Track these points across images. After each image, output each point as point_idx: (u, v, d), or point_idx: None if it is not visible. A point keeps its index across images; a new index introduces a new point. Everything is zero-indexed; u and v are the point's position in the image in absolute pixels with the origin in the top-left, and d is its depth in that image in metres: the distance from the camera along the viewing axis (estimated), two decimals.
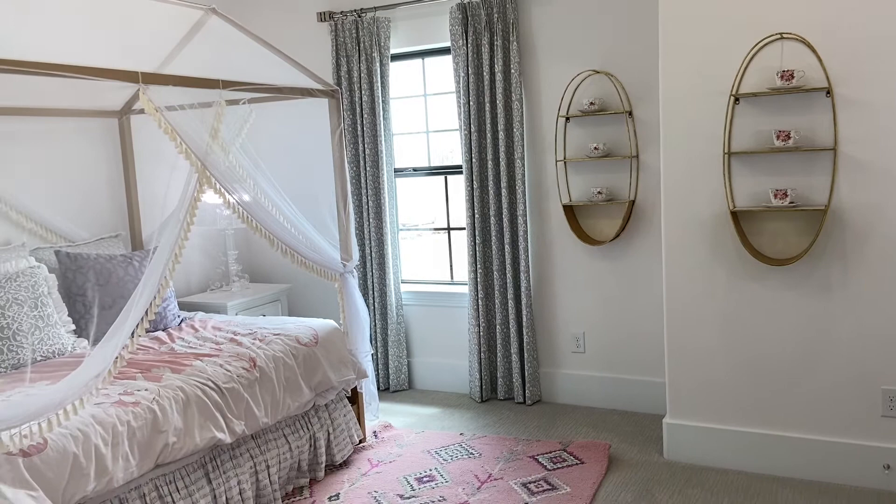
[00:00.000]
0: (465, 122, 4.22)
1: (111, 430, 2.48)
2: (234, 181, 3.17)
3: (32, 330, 3.15)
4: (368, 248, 4.56)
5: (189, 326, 3.71)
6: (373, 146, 4.46)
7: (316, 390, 3.40)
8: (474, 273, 4.31)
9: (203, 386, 2.88)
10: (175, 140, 2.82)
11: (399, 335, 4.59)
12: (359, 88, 4.45)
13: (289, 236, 3.40)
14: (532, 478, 3.31)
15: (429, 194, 4.87)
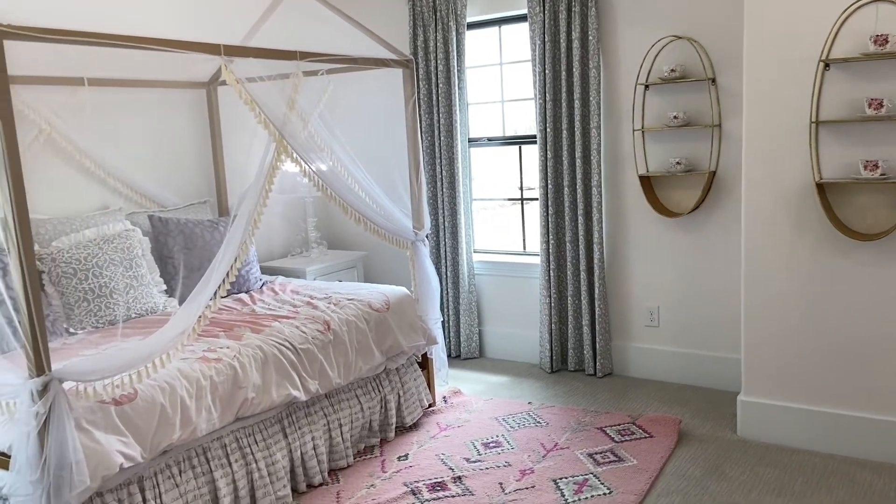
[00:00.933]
0: (541, 91, 4.17)
1: (195, 383, 2.65)
2: (311, 151, 3.27)
3: (127, 289, 3.38)
4: (441, 217, 4.61)
5: (269, 290, 3.88)
6: (447, 116, 4.49)
7: (387, 354, 3.50)
8: (546, 244, 4.30)
9: (280, 346, 3.02)
10: (255, 110, 2.93)
11: (470, 304, 4.64)
12: (434, 58, 4.47)
13: (362, 205, 3.49)
14: (598, 449, 3.31)
15: (502, 164, 4.86)
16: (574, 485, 3.00)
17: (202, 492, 2.67)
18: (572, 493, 2.93)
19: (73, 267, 3.24)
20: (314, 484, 3.11)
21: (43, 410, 2.16)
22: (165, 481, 2.56)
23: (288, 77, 3.18)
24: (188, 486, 2.63)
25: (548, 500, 2.89)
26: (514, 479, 3.07)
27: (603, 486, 2.97)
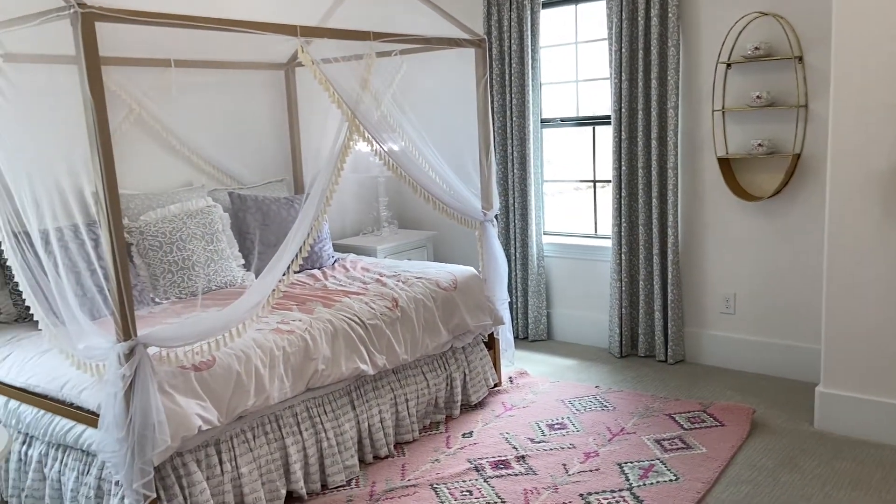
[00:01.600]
0: (616, 71, 4.09)
1: (269, 353, 2.76)
2: (383, 131, 3.32)
3: (208, 262, 3.53)
4: (511, 198, 4.60)
5: (341, 266, 3.97)
6: (520, 96, 4.45)
7: (453, 333, 3.54)
8: (618, 227, 4.23)
9: (350, 321, 3.10)
10: (329, 90, 3.00)
11: (539, 286, 4.62)
12: (508, 37, 4.44)
13: (432, 184, 3.52)
14: (666, 435, 3.26)
15: (575, 146, 4.80)
16: (640, 470, 2.97)
17: (274, 457, 2.78)
18: (637, 478, 2.90)
19: (159, 240, 3.42)
20: (380, 456, 3.19)
21: (129, 373, 2.29)
22: (240, 445, 2.69)
23: (362, 58, 3.23)
24: (261, 451, 2.74)
25: (612, 483, 2.87)
26: (577, 461, 3.07)
27: (669, 473, 2.93)
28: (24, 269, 2.59)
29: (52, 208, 2.56)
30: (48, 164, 2.58)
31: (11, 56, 2.53)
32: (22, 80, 2.59)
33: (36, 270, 2.58)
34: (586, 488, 2.85)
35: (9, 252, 2.61)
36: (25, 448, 2.77)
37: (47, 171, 2.57)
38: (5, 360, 2.82)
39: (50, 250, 2.56)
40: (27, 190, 2.55)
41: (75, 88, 2.24)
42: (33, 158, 2.59)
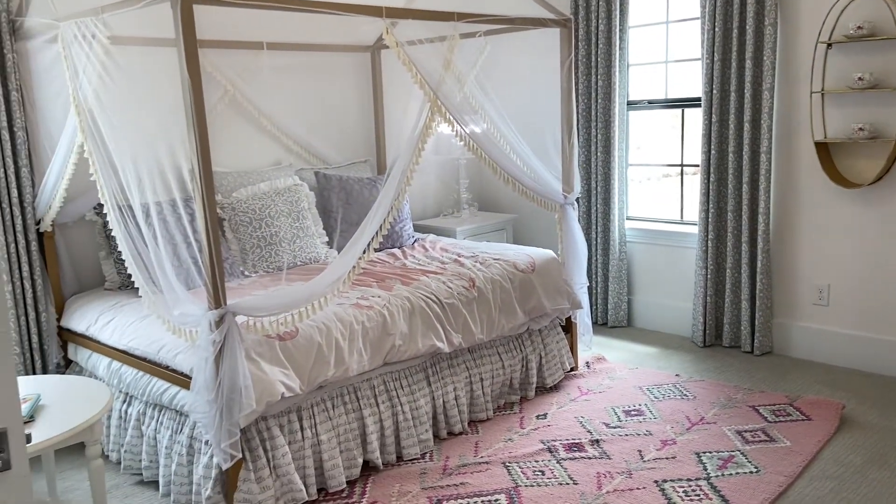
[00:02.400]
0: (708, 51, 3.95)
1: (349, 327, 2.85)
2: (465, 112, 3.34)
3: (293, 238, 3.67)
4: (594, 181, 4.53)
5: (420, 246, 4.04)
6: (606, 77, 4.37)
7: (530, 315, 3.55)
8: (706, 213, 4.10)
9: (427, 299, 3.15)
10: (412, 70, 3.04)
11: (620, 271, 4.55)
12: (596, 17, 4.36)
13: (512, 165, 3.52)
14: (749, 427, 3.17)
15: (663, 129, 4.67)
16: (719, 460, 2.90)
17: (352, 427, 2.88)
18: (715, 468, 2.84)
19: (249, 216, 3.57)
20: (454, 432, 3.24)
21: (219, 339, 2.42)
22: (320, 413, 2.79)
23: (446, 39, 3.26)
24: (340, 420, 2.84)
25: (689, 472, 2.82)
26: (654, 448, 3.02)
27: (750, 465, 2.85)
28: (128, 240, 2.77)
29: (153, 184, 2.72)
30: (150, 142, 2.75)
31: (117, 38, 2.70)
32: (127, 62, 2.75)
33: (137, 242, 2.76)
34: (662, 475, 2.81)
35: (114, 224, 2.80)
36: (125, 406, 2.97)
37: (149, 149, 2.73)
38: (108, 324, 3.03)
39: (150, 223, 2.73)
40: (131, 166, 2.72)
41: (175, 70, 2.37)
42: (137, 136, 2.76)
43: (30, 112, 3.11)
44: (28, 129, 3.12)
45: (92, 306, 3.19)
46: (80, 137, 2.84)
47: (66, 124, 2.95)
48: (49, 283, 3.25)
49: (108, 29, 2.63)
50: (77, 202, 3.27)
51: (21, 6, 3.01)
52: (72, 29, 2.74)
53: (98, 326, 3.05)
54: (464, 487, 2.79)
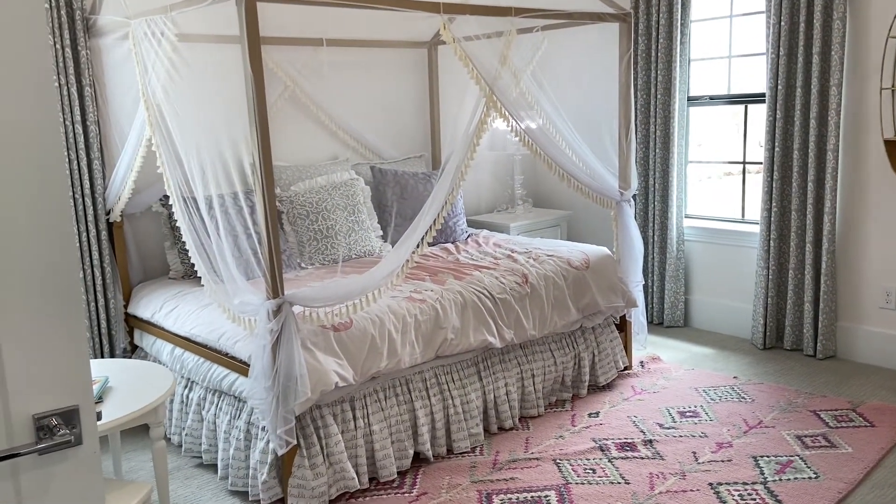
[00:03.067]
0: (774, 45, 3.83)
1: (402, 319, 2.88)
2: (520, 107, 3.33)
3: (349, 232, 3.73)
4: (652, 178, 4.46)
5: (474, 241, 4.05)
6: (666, 72, 4.29)
7: (583, 312, 3.52)
8: (768, 212, 3.99)
9: (479, 294, 3.16)
10: (468, 66, 3.05)
11: (678, 270, 4.47)
12: (657, 11, 4.28)
13: (567, 161, 3.49)
14: (809, 432, 3.08)
15: (725, 125, 4.56)
16: (776, 464, 2.83)
17: (403, 418, 2.92)
18: (773, 473, 2.77)
19: (306, 209, 3.64)
20: (505, 427, 3.25)
21: (276, 328, 2.49)
22: (372, 404, 2.84)
23: (502, 35, 3.25)
24: (392, 412, 2.89)
25: (745, 475, 2.76)
26: (709, 451, 2.97)
27: (809, 470, 2.77)
28: (191, 232, 2.86)
29: (216, 176, 2.81)
30: (213, 136, 2.84)
31: (184, 36, 2.79)
32: (193, 58, 2.84)
33: (201, 232, 2.85)
34: (716, 478, 2.76)
35: (179, 215, 2.90)
36: (187, 391, 3.08)
37: (213, 143, 2.82)
38: (172, 311, 3.14)
39: (213, 215, 2.82)
40: (195, 159, 2.81)
41: (238, 66, 2.44)
42: (201, 130, 2.85)
43: (102, 107, 3.25)
44: (100, 123, 3.26)
45: (157, 294, 3.31)
46: (148, 131, 2.95)
47: (136, 118, 3.07)
48: (117, 271, 3.39)
49: (176, 27, 2.72)
50: (144, 194, 3.40)
51: (95, 4, 3.15)
52: (142, 27, 2.84)
53: (162, 314, 3.17)
54: (513, 482, 2.79)
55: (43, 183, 1.03)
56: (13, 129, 1.00)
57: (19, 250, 1.01)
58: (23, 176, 1.01)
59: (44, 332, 1.05)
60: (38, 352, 1.05)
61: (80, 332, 1.10)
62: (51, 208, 1.04)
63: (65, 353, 1.07)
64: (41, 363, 1.05)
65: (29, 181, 1.02)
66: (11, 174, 1.00)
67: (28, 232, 1.02)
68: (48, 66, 1.06)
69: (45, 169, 1.03)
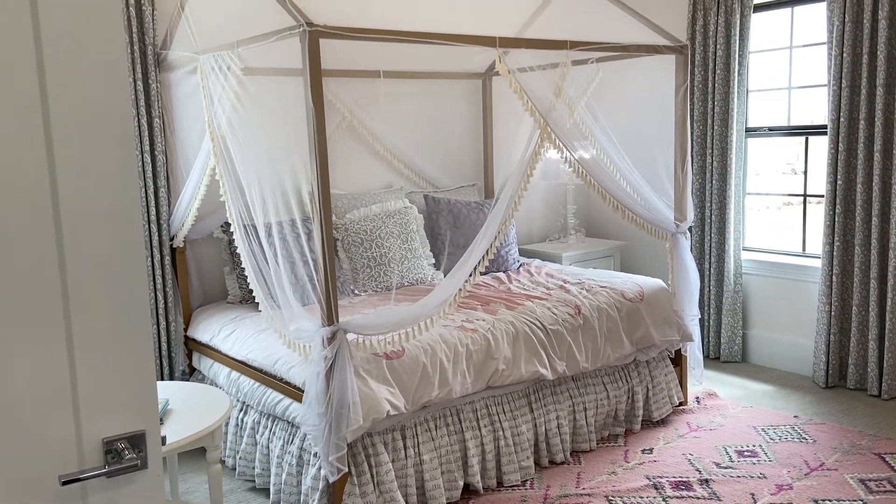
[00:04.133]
0: (836, 77, 3.76)
1: (453, 349, 2.89)
2: (574, 138, 3.34)
3: (402, 260, 3.77)
4: (709, 210, 4.38)
5: (525, 271, 4.04)
6: (723, 104, 4.24)
7: (637, 345, 3.47)
8: (830, 246, 3.88)
9: (531, 324, 3.15)
10: (522, 98, 3.08)
11: (735, 304, 4.36)
12: (713, 43, 4.24)
13: (621, 192, 3.47)
14: (873, 475, 2.95)
15: (783, 157, 4.47)
16: None
17: (454, 448, 2.91)
18: None
19: (360, 237, 3.70)
20: (556, 461, 3.20)
21: (330, 355, 2.53)
22: (423, 433, 2.84)
23: (557, 66, 3.28)
24: (442, 441, 2.88)
25: None
26: (768, 493, 2.87)
27: None
28: (251, 258, 2.94)
29: (276, 204, 2.89)
30: (274, 165, 2.93)
31: (249, 69, 2.90)
32: (257, 91, 2.95)
33: (259, 259, 2.93)
34: None
35: (239, 242, 2.99)
36: (242, 415, 3.14)
37: (273, 172, 2.91)
38: (230, 336, 3.22)
39: (271, 241, 2.89)
40: (256, 188, 2.90)
41: (299, 98, 2.52)
42: (262, 159, 2.94)
43: (169, 137, 3.39)
44: (167, 153, 3.40)
45: (215, 318, 3.40)
46: (212, 161, 3.06)
47: (201, 149, 3.19)
48: (179, 295, 3.50)
49: (241, 61, 2.83)
50: (206, 220, 3.51)
51: (166, 40, 3.30)
52: (210, 61, 2.97)
53: (220, 338, 3.25)
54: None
55: (120, 216, 1.08)
56: (96, 169, 1.05)
57: (98, 280, 1.06)
58: (103, 212, 1.06)
59: (115, 357, 1.09)
60: (109, 377, 1.09)
61: (149, 357, 1.14)
62: (127, 238, 1.09)
63: (134, 377, 1.11)
64: (111, 388, 1.09)
65: (109, 215, 1.07)
66: (92, 210, 1.05)
67: (106, 262, 1.07)
68: (128, 107, 1.12)
69: (122, 206, 1.08)
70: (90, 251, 1.05)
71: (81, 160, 1.04)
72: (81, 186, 1.04)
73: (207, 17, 3.04)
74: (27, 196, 1.00)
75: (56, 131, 1.02)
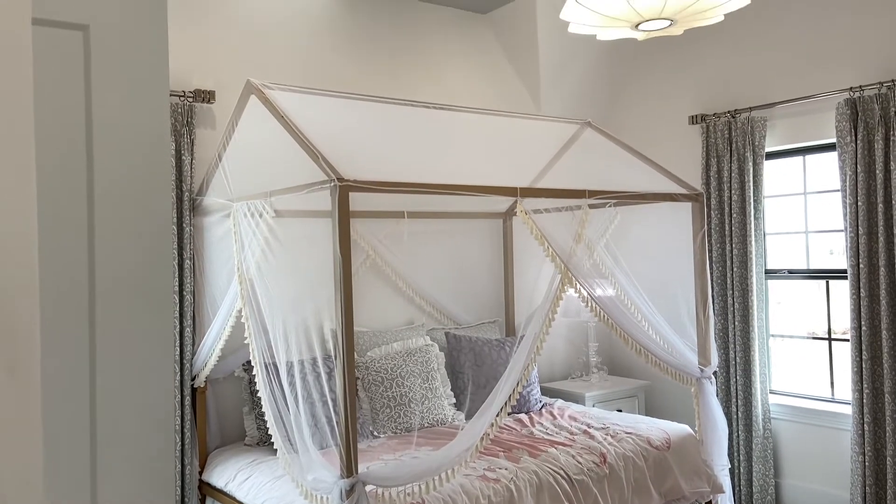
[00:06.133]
0: (852, 224, 3.81)
1: (475, 501, 2.80)
2: (594, 279, 3.38)
3: (422, 399, 3.73)
4: (733, 352, 4.33)
5: (548, 413, 3.96)
6: (741, 246, 4.30)
7: (665, 497, 3.33)
8: (859, 392, 3.79)
9: (555, 474, 3.06)
10: (543, 244, 3.15)
11: (765, 451, 4.21)
12: (728, 188, 4.36)
13: (643, 335, 3.46)
14: None
15: (807, 298, 4.46)
16: None
17: None
18: None
19: (381, 375, 3.69)
20: None
21: None
22: None
23: (577, 208, 3.37)
24: None
25: None
26: None
27: None
28: (271, 401, 2.93)
29: (298, 343, 2.91)
30: (299, 303, 2.97)
31: (279, 212, 3.02)
32: (286, 233, 3.05)
33: (279, 401, 2.91)
34: None
35: (260, 383, 2.99)
36: None
37: (297, 310, 2.95)
38: (245, 481, 3.14)
39: (292, 381, 2.89)
40: (280, 326, 2.94)
41: (326, 237, 2.60)
42: (287, 299, 2.99)
43: (199, 278, 3.48)
44: (195, 293, 3.47)
45: (231, 462, 3.34)
46: (239, 303, 3.12)
47: (229, 291, 3.26)
48: (196, 437, 3.46)
49: (272, 207, 2.95)
50: (228, 359, 3.52)
51: (202, 187, 3.46)
52: (243, 208, 3.09)
53: (236, 483, 3.17)
54: None
55: (155, 388, 1.11)
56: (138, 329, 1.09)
57: (129, 437, 1.08)
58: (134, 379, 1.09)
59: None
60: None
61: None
62: (157, 404, 1.11)
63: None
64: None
65: (141, 381, 1.10)
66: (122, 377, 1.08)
67: (136, 424, 1.09)
68: (170, 264, 1.17)
69: (157, 374, 1.11)
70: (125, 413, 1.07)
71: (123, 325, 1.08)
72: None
73: (243, 166, 3.20)
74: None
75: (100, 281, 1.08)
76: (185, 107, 3.47)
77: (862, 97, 3.77)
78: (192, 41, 3.65)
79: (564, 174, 4.19)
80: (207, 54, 3.70)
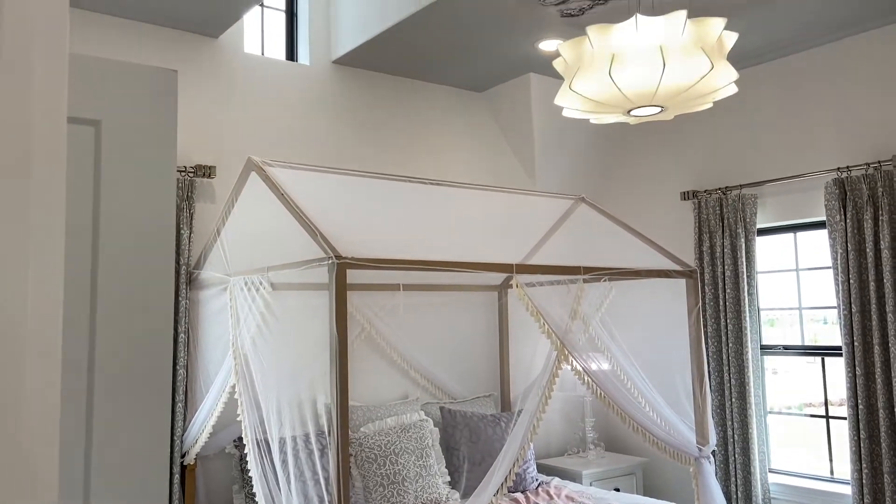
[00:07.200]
0: (845, 301, 3.84)
1: None
2: (589, 354, 3.37)
3: (416, 478, 3.65)
4: (730, 429, 4.29)
5: (545, 492, 3.88)
6: (736, 322, 4.31)
7: None
8: (858, 472, 3.74)
9: None
10: (539, 321, 3.16)
11: None
12: (721, 263, 4.41)
13: (640, 414, 3.43)
14: None
15: (803, 370, 4.45)
16: None
17: None
18: None
19: (375, 452, 3.62)
20: None
21: None
22: None
23: (573, 282, 3.39)
24: None
25: None
26: None
27: None
28: (262, 481, 2.87)
29: (291, 417, 2.87)
30: (293, 377, 2.95)
31: (276, 286, 3.02)
32: (281, 306, 3.05)
33: (271, 481, 2.85)
34: None
35: (252, 462, 2.93)
36: None
37: (291, 384, 2.92)
38: None
39: (284, 459, 2.84)
40: (273, 400, 2.90)
41: (321, 309, 2.60)
42: (282, 373, 2.97)
43: (192, 352, 3.45)
44: (188, 368, 3.44)
45: None
46: (232, 379, 3.09)
47: (223, 366, 3.23)
48: None
49: (269, 281, 2.96)
50: (219, 435, 3.47)
51: (200, 261, 3.48)
52: (240, 282, 3.11)
53: None
54: None
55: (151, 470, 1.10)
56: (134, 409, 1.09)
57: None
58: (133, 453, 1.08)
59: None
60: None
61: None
62: (150, 483, 1.09)
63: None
64: None
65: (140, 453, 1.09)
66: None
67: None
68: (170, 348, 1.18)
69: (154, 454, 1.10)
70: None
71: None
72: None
73: (241, 241, 3.23)
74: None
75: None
76: (186, 181, 3.52)
77: (850, 177, 3.86)
78: (193, 117, 3.74)
79: (559, 248, 4.23)
80: (209, 130, 3.79)
